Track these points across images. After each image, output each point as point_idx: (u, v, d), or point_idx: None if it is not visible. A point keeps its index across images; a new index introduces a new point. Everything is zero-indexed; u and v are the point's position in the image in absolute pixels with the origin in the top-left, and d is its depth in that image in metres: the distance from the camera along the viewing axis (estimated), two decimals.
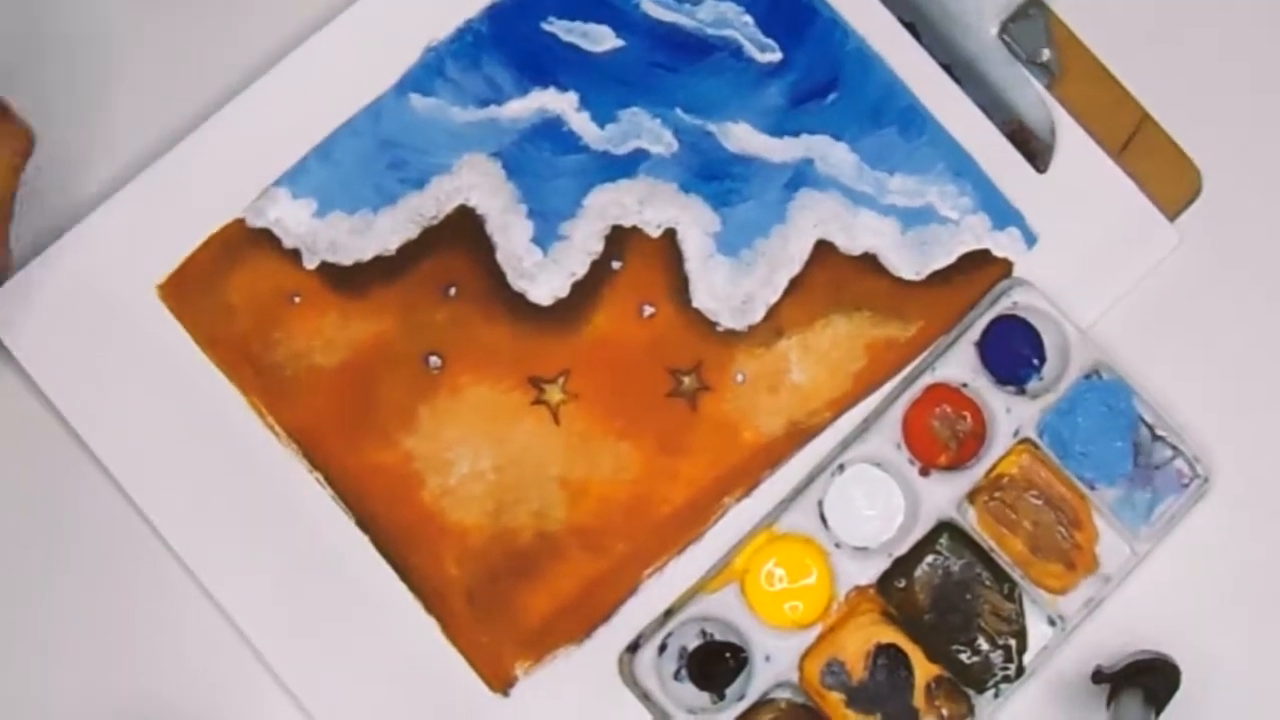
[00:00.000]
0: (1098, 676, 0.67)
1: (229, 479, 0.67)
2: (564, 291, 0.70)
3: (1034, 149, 0.72)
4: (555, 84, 0.71)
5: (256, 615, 0.66)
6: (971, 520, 0.68)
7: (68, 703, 0.65)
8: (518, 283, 0.70)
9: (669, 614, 0.67)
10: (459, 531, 0.68)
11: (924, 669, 0.67)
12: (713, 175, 0.71)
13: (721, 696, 0.67)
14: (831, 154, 0.72)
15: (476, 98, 0.71)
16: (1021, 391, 0.70)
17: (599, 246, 0.70)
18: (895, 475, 0.69)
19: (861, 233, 0.71)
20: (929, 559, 0.68)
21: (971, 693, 0.67)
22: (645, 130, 0.71)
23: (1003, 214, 0.72)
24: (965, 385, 0.70)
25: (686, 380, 0.70)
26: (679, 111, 0.71)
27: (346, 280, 0.69)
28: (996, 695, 0.67)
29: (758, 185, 0.71)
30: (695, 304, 0.70)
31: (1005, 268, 0.72)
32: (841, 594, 0.68)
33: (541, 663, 0.67)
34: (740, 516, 0.69)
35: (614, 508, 0.68)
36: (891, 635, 0.67)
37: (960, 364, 0.70)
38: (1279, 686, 0.70)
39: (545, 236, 0.70)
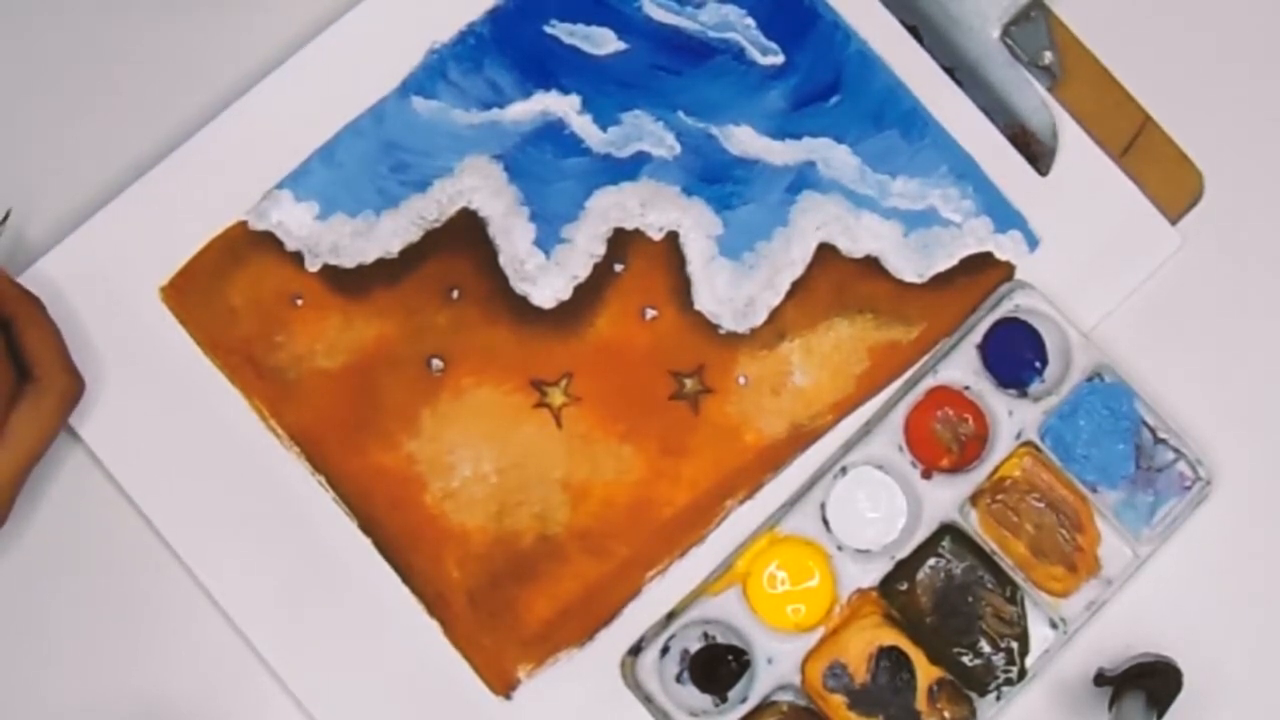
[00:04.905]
0: (1100, 679, 0.67)
1: (231, 481, 0.67)
2: (566, 294, 0.70)
3: (1036, 152, 0.72)
4: (557, 87, 0.71)
5: (258, 617, 0.66)
6: (974, 523, 0.68)
7: (70, 705, 0.65)
8: (520, 285, 0.70)
9: (671, 616, 0.67)
10: (461, 534, 0.68)
11: (926, 671, 0.67)
12: (715, 178, 0.71)
13: (723, 699, 0.67)
14: (833, 157, 0.72)
15: (479, 100, 0.71)
16: (1023, 394, 0.70)
17: (601, 249, 0.70)
18: (897, 478, 0.69)
19: (864, 235, 0.71)
20: (931, 562, 0.68)
21: (973, 695, 0.67)
22: (647, 133, 0.71)
23: (1005, 217, 0.72)
24: (967, 388, 0.69)
25: (689, 383, 0.70)
26: (681, 114, 0.71)
27: (349, 283, 0.69)
28: (998, 698, 0.67)
29: (760, 188, 0.71)
30: (697, 307, 0.70)
31: (1007, 270, 0.72)
32: (843, 596, 0.68)
33: (543, 665, 0.67)
34: (742, 519, 0.69)
35: (616, 510, 0.68)
36: (894, 638, 0.67)
37: (962, 367, 0.70)
38: None
39: (547, 239, 0.70)
